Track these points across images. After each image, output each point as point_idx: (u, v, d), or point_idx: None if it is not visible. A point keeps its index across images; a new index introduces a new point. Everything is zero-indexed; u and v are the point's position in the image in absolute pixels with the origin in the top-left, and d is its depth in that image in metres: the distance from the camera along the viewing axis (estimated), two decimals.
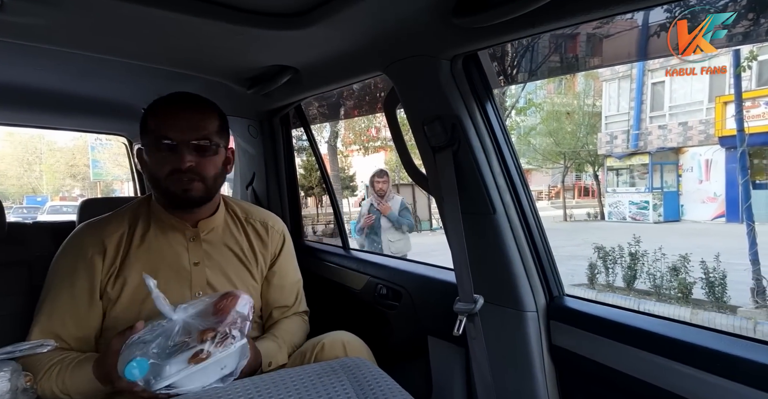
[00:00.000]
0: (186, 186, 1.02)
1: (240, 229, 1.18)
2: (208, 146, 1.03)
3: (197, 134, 1.02)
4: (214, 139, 1.04)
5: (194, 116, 1.04)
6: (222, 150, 1.08)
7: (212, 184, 1.06)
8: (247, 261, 1.15)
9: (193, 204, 1.07)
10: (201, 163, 1.02)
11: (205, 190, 1.05)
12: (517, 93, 12.36)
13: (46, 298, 1.04)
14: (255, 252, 1.17)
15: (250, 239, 1.18)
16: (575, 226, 12.83)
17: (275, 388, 0.68)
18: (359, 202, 15.84)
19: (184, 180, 1.01)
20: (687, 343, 0.75)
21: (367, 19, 0.94)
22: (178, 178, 1.01)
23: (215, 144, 1.05)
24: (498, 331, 1.03)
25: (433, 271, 1.32)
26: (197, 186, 1.03)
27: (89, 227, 1.10)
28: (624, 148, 13.09)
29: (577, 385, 0.97)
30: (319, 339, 1.06)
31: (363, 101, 6.12)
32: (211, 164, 1.05)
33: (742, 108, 5.76)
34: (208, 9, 0.90)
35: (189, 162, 1.00)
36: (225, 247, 1.13)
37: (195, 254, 1.09)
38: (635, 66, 12.32)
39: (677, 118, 12.02)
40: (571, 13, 0.75)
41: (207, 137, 1.03)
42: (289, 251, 1.25)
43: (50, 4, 0.85)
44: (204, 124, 1.04)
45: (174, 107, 1.04)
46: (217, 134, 1.06)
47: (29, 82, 1.54)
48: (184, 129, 1.01)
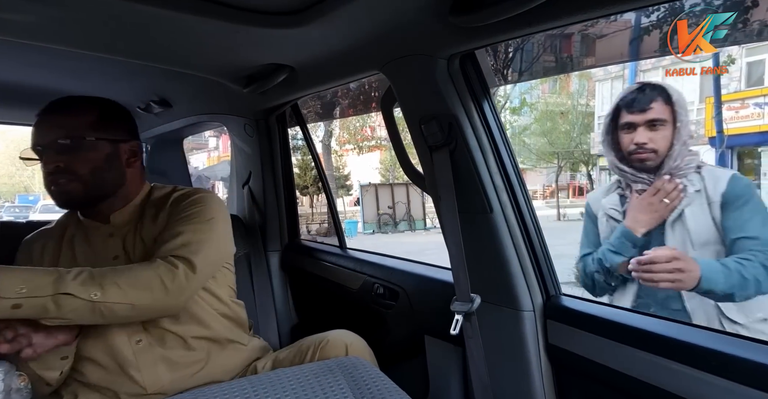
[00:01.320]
0: (60, 188, 1.01)
1: (158, 214, 1.09)
2: (75, 143, 0.99)
3: (60, 133, 0.99)
4: (85, 134, 1.01)
5: (57, 117, 1.02)
6: (103, 144, 1.03)
7: (93, 182, 1.02)
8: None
9: (78, 205, 1.06)
10: (71, 162, 0.99)
11: (83, 188, 1.01)
12: (511, 93, 12.43)
13: None
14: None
15: (170, 215, 1.08)
16: (568, 225, 12.90)
17: (272, 387, 0.68)
18: (354, 201, 15.86)
19: (60, 182, 1.00)
20: (683, 342, 0.75)
21: (363, 17, 0.93)
22: (50, 181, 1.00)
23: (86, 139, 1.01)
24: (495, 330, 1.03)
25: (430, 271, 1.32)
26: (73, 186, 1.01)
27: (24, 241, 1.13)
28: None
29: (574, 384, 0.98)
30: (321, 337, 1.06)
31: (357, 100, 6.12)
32: (84, 161, 1.01)
33: (721, 110, 5.88)
34: (203, 7, 0.89)
35: (55, 163, 0.98)
36: (140, 233, 1.08)
37: (113, 248, 1.07)
38: (627, 66, 12.42)
39: None
40: (568, 13, 0.75)
41: (72, 135, 0.99)
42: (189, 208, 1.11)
43: (42, 2, 0.84)
44: (69, 121, 1.01)
45: (41, 114, 1.03)
46: (91, 129, 1.02)
47: (21, 79, 1.52)
48: (48, 132, 1.00)
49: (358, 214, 14.28)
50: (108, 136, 1.05)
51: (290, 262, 1.78)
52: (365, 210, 13.76)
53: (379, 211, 13.75)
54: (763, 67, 9.73)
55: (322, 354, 1.02)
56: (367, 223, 13.62)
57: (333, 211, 1.87)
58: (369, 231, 13.46)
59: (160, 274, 0.92)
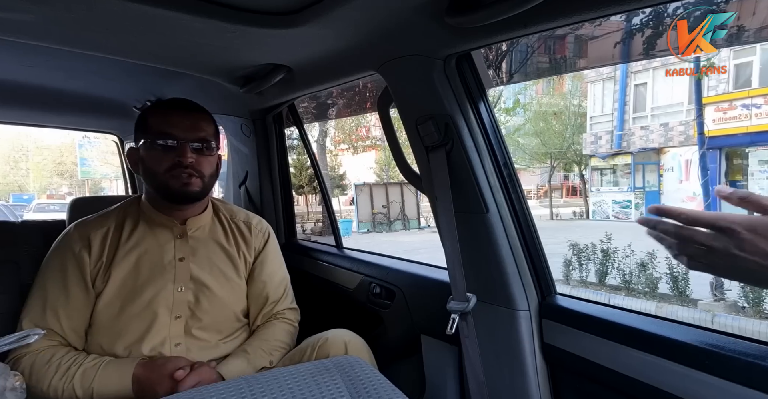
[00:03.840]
0: (186, 180, 1.06)
1: (226, 227, 1.22)
2: (207, 146, 1.09)
3: (197, 134, 1.08)
4: (211, 140, 1.11)
5: (194, 117, 1.10)
6: (216, 152, 1.14)
7: (208, 182, 1.11)
8: (233, 257, 1.18)
9: (191, 199, 1.11)
10: (200, 161, 1.08)
11: (202, 186, 1.09)
12: (503, 93, 12.48)
13: (36, 294, 1.06)
14: (239, 250, 1.20)
15: (235, 237, 1.22)
16: (560, 224, 12.99)
17: (268, 387, 0.68)
18: (349, 201, 15.84)
19: (184, 175, 1.06)
20: (677, 341, 0.76)
21: (360, 18, 0.94)
22: (178, 173, 1.05)
23: (212, 145, 1.11)
24: (491, 329, 1.04)
25: (426, 270, 1.33)
26: (196, 182, 1.08)
27: (77, 226, 1.13)
28: (608, 149, 13.30)
29: (569, 383, 0.98)
30: (321, 336, 1.07)
31: (353, 101, 6.11)
32: (209, 163, 1.10)
33: (702, 112, 6.02)
34: (200, 7, 0.89)
35: (190, 158, 1.05)
36: (212, 242, 1.17)
37: (181, 250, 1.12)
38: (618, 68, 12.52)
39: (659, 119, 12.24)
40: (563, 14, 0.76)
41: (206, 138, 1.09)
42: (273, 249, 1.28)
43: (40, 1, 0.83)
44: (203, 125, 1.10)
45: (176, 108, 1.10)
46: (214, 136, 1.13)
47: (18, 78, 1.51)
48: (186, 128, 1.07)
49: (353, 214, 14.28)
50: (218, 147, 1.16)
51: (287, 262, 1.77)
52: (360, 209, 13.76)
53: (374, 211, 13.75)
54: (750, 69, 9.85)
55: (321, 352, 1.03)
56: (362, 223, 13.62)
57: (329, 210, 1.86)
58: (364, 230, 13.46)
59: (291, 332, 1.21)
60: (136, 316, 1.04)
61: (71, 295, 1.04)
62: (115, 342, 1.03)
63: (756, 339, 0.73)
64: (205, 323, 1.09)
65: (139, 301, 1.04)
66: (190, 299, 1.09)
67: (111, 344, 1.03)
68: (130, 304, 1.04)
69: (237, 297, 1.16)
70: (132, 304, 1.04)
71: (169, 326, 1.06)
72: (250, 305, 1.19)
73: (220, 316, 1.11)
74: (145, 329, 1.04)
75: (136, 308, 1.04)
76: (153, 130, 1.06)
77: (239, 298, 1.17)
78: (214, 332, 1.11)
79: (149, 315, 1.04)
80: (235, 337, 1.15)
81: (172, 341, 1.05)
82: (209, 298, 1.10)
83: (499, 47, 1.68)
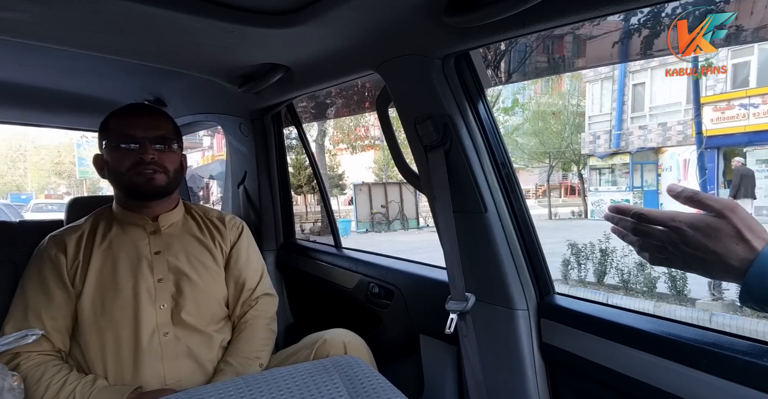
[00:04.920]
0: (150, 176, 1.10)
1: (200, 222, 1.26)
2: (168, 144, 1.13)
3: (157, 133, 1.12)
4: (171, 137, 1.15)
5: (153, 118, 1.15)
6: (178, 149, 1.18)
7: (173, 177, 1.16)
8: (209, 247, 1.21)
9: (158, 193, 1.14)
10: (162, 158, 1.12)
11: (167, 181, 1.14)
12: (501, 93, 12.49)
13: (17, 301, 1.09)
14: (215, 240, 1.24)
15: (210, 230, 1.26)
16: (559, 224, 13.00)
17: (267, 386, 0.68)
18: (348, 201, 15.84)
19: (148, 172, 1.10)
20: (675, 341, 0.76)
21: (358, 17, 0.94)
22: (141, 170, 1.09)
23: (173, 141, 1.15)
24: (489, 329, 1.04)
25: (425, 270, 1.33)
26: (160, 177, 1.12)
27: (51, 237, 1.17)
28: (606, 148, 13.32)
29: (568, 383, 0.98)
30: (320, 336, 1.08)
31: (351, 100, 6.11)
32: (170, 159, 1.14)
33: (700, 112, 6.03)
34: (198, 6, 0.89)
35: (152, 155, 1.09)
36: (187, 235, 1.21)
37: (156, 244, 1.15)
38: (617, 68, 12.54)
39: (657, 119, 12.26)
40: (562, 14, 0.76)
41: (166, 135, 1.14)
42: (247, 240, 1.31)
43: (39, 1, 0.83)
44: (162, 124, 1.15)
45: (134, 111, 1.16)
46: (174, 134, 1.17)
47: (16, 78, 1.51)
48: (146, 128, 1.11)
49: (351, 213, 14.27)
50: (180, 145, 1.20)
51: (285, 262, 1.78)
52: (358, 209, 13.75)
53: (373, 211, 13.74)
54: (747, 68, 9.87)
55: (321, 352, 1.03)
56: (361, 222, 13.61)
57: (328, 210, 1.86)
58: (362, 230, 13.45)
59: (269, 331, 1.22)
60: (119, 309, 1.05)
61: (52, 295, 1.06)
62: (103, 337, 1.04)
63: (754, 338, 0.74)
64: (189, 310, 1.11)
65: (121, 295, 1.06)
66: (171, 289, 1.11)
67: (100, 340, 1.04)
68: (112, 299, 1.06)
69: (217, 284, 1.19)
70: (114, 298, 1.06)
71: (156, 316, 1.07)
72: (228, 293, 1.22)
73: (203, 303, 1.14)
74: (131, 321, 1.05)
75: (119, 301, 1.06)
76: (114, 132, 1.11)
77: (220, 286, 1.19)
78: (200, 318, 1.12)
79: (132, 306, 1.06)
80: (221, 326, 1.17)
81: (161, 331, 1.07)
82: (191, 286, 1.12)
83: (497, 47, 1.68)
